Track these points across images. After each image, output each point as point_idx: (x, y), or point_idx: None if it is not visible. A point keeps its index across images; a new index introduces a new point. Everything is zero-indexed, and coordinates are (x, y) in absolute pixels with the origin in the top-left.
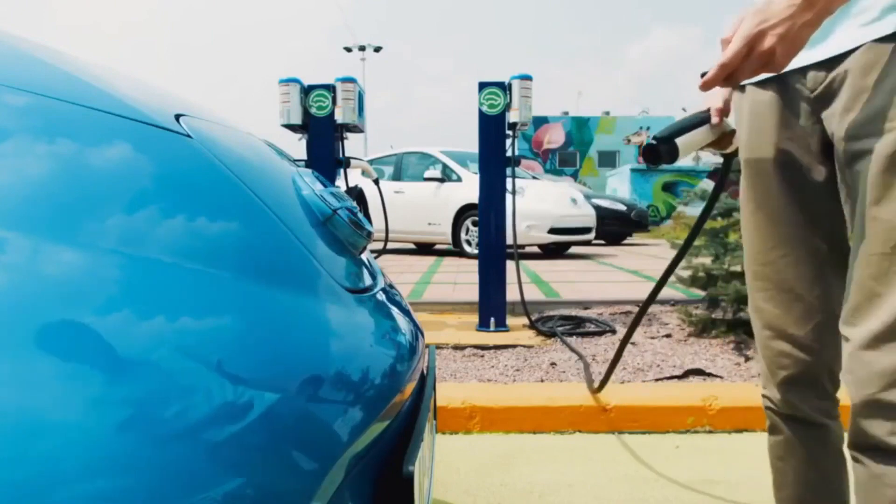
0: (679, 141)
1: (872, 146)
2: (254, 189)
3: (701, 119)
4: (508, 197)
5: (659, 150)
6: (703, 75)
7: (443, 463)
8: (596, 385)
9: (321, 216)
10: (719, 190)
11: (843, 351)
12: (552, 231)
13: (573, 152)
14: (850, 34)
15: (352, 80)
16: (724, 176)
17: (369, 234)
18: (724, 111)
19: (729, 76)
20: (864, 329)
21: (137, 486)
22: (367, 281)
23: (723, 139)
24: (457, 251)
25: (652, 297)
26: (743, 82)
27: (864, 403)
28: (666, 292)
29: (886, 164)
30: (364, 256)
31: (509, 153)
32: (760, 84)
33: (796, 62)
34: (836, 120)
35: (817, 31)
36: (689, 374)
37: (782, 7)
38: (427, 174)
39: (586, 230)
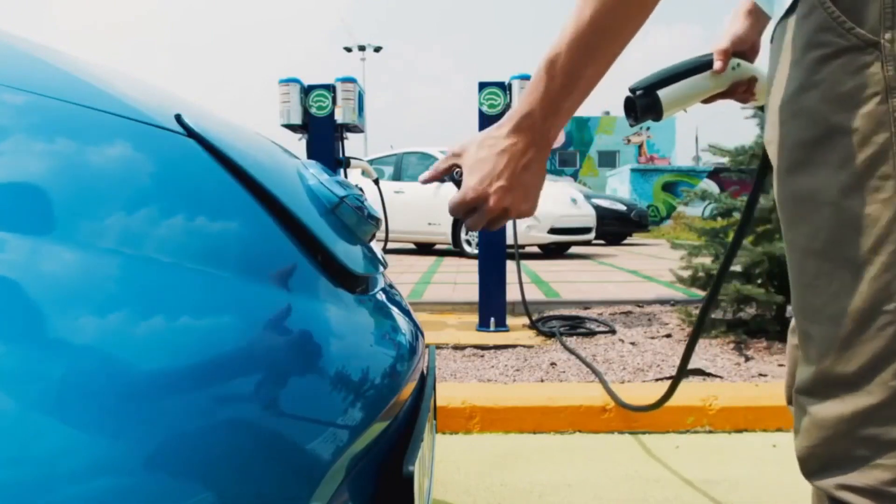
0: (663, 93)
1: (775, 158)
2: (269, 185)
3: (698, 64)
4: None
5: (636, 105)
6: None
7: (443, 463)
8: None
9: (329, 205)
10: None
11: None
12: (552, 231)
13: (573, 152)
14: (780, 4)
15: (352, 80)
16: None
17: (378, 220)
18: (731, 53)
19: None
20: (805, 372)
21: (136, 486)
22: (367, 281)
23: (738, 88)
24: (457, 251)
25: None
26: None
27: (806, 451)
28: (666, 292)
29: (787, 182)
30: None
31: None
32: None
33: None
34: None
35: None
36: (689, 373)
37: (495, 154)
38: None
39: (586, 230)
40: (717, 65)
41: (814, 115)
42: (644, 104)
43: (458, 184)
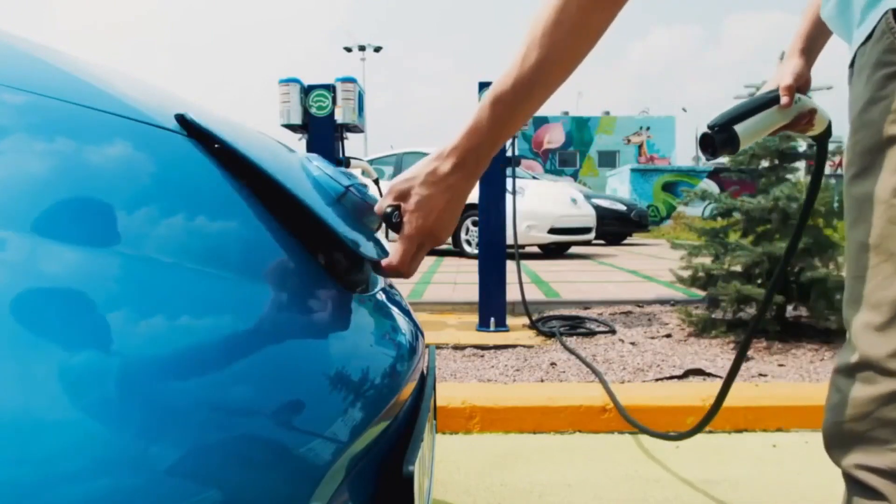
0: (739, 128)
1: (847, 164)
2: (278, 177)
3: (767, 100)
4: (508, 197)
5: (714, 140)
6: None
7: (443, 463)
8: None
9: (335, 194)
10: (819, 176)
11: None
12: (552, 231)
13: (573, 152)
14: (859, 33)
15: (352, 80)
16: (821, 162)
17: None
18: (795, 89)
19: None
20: (844, 354)
21: (135, 486)
22: (367, 281)
23: (800, 120)
24: (457, 251)
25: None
26: None
27: (833, 427)
28: (666, 292)
29: (852, 183)
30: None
31: (509, 153)
32: None
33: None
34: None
35: (846, 29)
36: (689, 374)
37: (441, 191)
38: None
39: (586, 230)
40: (784, 100)
41: (877, 125)
42: (722, 139)
43: (395, 227)
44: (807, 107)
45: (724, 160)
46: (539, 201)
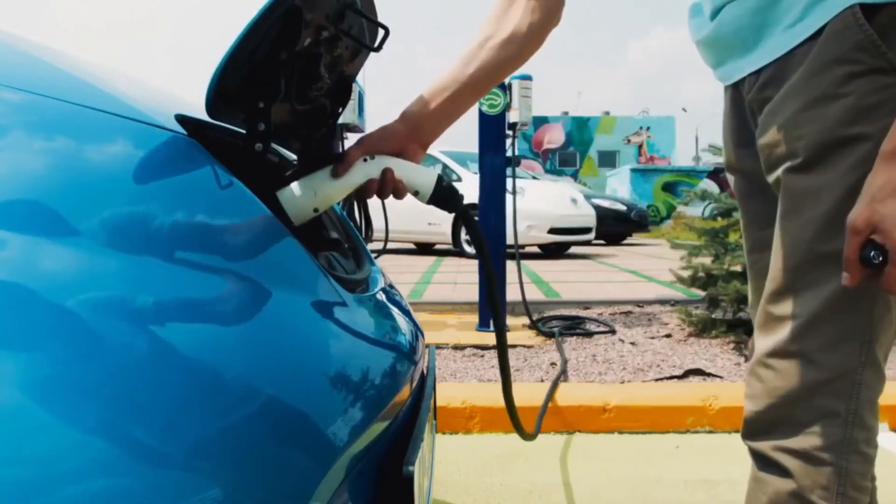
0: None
1: (785, 156)
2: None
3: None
4: (508, 197)
5: None
6: None
7: (443, 463)
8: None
9: None
10: (481, 250)
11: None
12: (552, 231)
13: (573, 152)
14: (777, 39)
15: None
16: (475, 234)
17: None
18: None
19: None
20: (764, 344)
21: (135, 486)
22: (367, 281)
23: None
24: (457, 251)
25: None
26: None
27: (753, 415)
28: (666, 292)
29: (795, 177)
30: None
31: (509, 153)
32: (725, 89)
33: (738, 72)
34: (760, 128)
35: (752, 33)
36: (689, 374)
37: None
38: None
39: (586, 230)
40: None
41: (837, 121)
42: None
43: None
44: (382, 165)
45: (723, 160)
46: (539, 201)
